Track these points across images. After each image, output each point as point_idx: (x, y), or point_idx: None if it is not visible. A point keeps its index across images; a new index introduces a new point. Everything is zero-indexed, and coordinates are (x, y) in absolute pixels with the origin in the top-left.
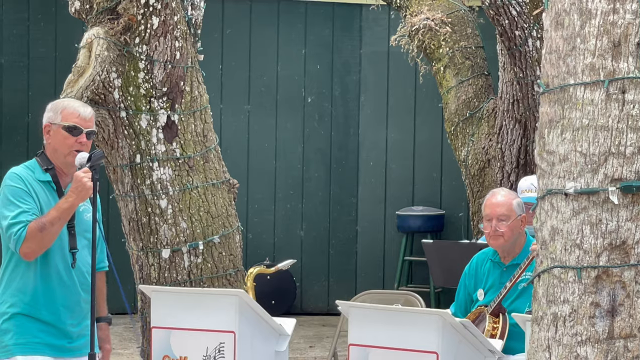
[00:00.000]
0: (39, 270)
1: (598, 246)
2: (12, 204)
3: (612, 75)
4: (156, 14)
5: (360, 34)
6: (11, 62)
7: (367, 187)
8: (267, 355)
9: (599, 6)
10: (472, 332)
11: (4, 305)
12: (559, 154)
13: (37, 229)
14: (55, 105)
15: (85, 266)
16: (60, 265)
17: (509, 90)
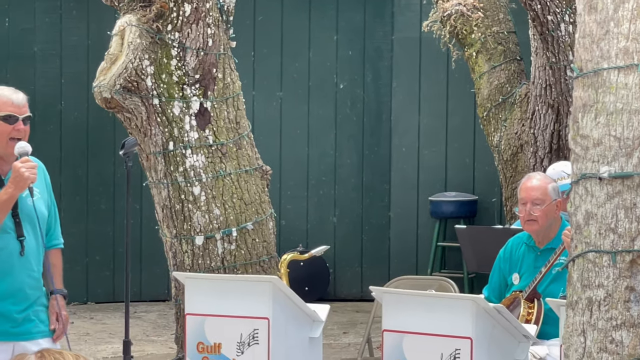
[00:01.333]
0: None
1: (632, 230)
2: None
3: None
4: (188, 0)
5: (392, 20)
6: (44, 51)
7: (399, 173)
8: (301, 341)
9: (630, 1)
10: (506, 317)
11: None
12: (593, 138)
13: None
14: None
15: (32, 252)
16: (7, 254)
17: (542, 75)
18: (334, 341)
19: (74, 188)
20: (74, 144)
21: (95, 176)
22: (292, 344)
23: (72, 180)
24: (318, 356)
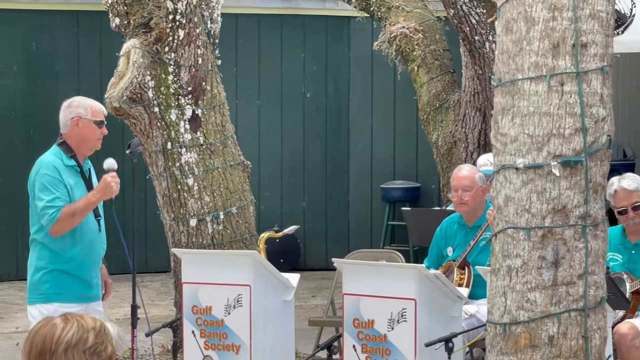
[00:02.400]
0: (77, 236)
1: (543, 210)
2: (48, 190)
3: (552, 70)
4: (182, 27)
5: (348, 41)
6: (65, 69)
7: (356, 165)
8: (277, 304)
9: (541, 15)
10: (443, 282)
11: (42, 261)
12: (510, 136)
13: (69, 215)
14: (81, 103)
15: (103, 230)
16: (90, 232)
17: (471, 85)
18: (304, 303)
19: None
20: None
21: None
22: (269, 306)
23: None
24: (291, 316)
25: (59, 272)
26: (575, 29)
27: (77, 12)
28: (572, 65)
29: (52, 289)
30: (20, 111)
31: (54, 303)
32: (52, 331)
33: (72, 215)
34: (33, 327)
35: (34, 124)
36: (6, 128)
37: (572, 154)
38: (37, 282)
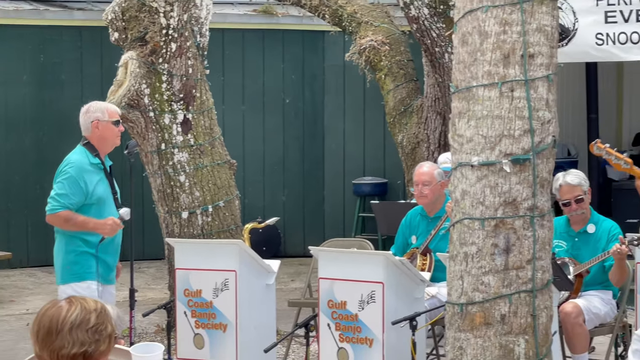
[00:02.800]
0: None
1: (496, 203)
2: (64, 186)
3: (503, 78)
4: (174, 40)
5: (323, 53)
6: (69, 78)
7: (330, 164)
8: (260, 287)
9: (493, 29)
10: (407, 267)
11: (73, 245)
12: (466, 137)
13: (65, 218)
14: (98, 108)
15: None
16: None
17: (432, 91)
18: (284, 286)
19: None
20: None
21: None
22: (253, 289)
23: None
24: (272, 298)
25: (88, 254)
26: (524, 41)
27: (80, 27)
28: (521, 74)
29: (84, 269)
30: (30, 116)
31: (86, 281)
32: (58, 312)
33: (67, 221)
34: (41, 309)
35: (43, 128)
36: (18, 131)
37: (521, 153)
38: (70, 263)
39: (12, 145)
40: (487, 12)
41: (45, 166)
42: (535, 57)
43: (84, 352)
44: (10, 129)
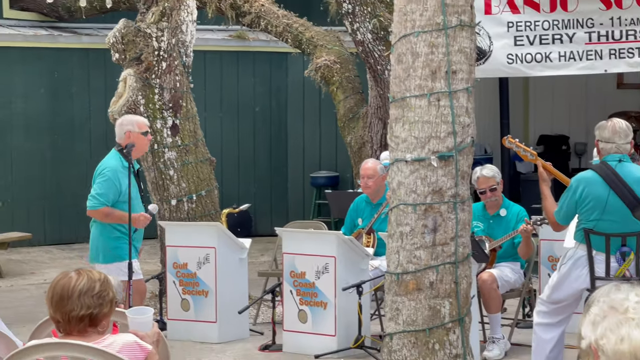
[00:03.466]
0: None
1: (425, 191)
2: (103, 187)
3: (431, 90)
4: (164, 60)
5: (286, 70)
6: (79, 91)
7: (292, 160)
8: (234, 260)
9: (422, 50)
10: (355, 244)
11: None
12: (402, 138)
13: (105, 214)
14: (130, 121)
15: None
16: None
17: (375, 102)
18: (255, 260)
19: None
20: (98, 147)
21: None
22: (229, 262)
23: None
24: (245, 269)
25: (124, 240)
26: (448, 60)
27: (87, 49)
28: (445, 87)
29: (124, 252)
30: (45, 123)
31: (126, 260)
32: (68, 282)
33: (107, 216)
34: (54, 279)
35: (57, 132)
36: (36, 134)
37: (446, 151)
38: (112, 248)
39: (31, 145)
40: (418, 36)
41: (59, 163)
42: (457, 73)
43: (90, 313)
44: (29, 133)
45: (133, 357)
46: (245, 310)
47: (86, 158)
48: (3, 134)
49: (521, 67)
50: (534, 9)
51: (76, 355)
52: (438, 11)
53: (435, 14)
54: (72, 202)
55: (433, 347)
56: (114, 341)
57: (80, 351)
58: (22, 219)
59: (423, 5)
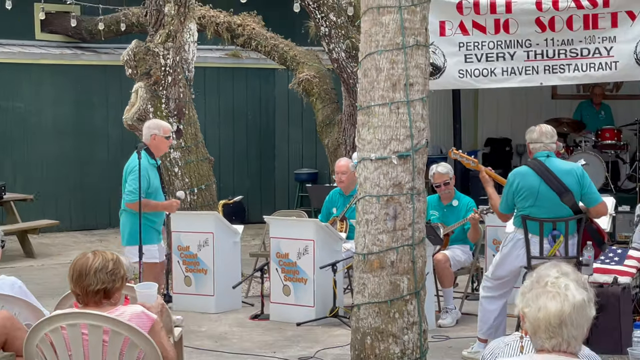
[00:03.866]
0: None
1: (387, 185)
2: (136, 182)
3: (392, 100)
4: (170, 74)
5: (274, 83)
6: (98, 101)
7: (279, 159)
8: (230, 243)
9: (385, 66)
10: (330, 229)
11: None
12: (367, 140)
13: (142, 205)
14: (156, 125)
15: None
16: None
17: (347, 110)
18: (247, 243)
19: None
20: (115, 148)
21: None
22: (225, 246)
23: (116, 167)
24: (238, 251)
25: (150, 227)
26: (406, 75)
27: (106, 65)
28: (404, 97)
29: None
30: (71, 128)
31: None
32: (86, 261)
33: (144, 206)
34: (74, 259)
35: (80, 136)
36: (62, 139)
37: (404, 151)
38: (134, 233)
39: (59, 147)
40: (381, 54)
41: (82, 162)
42: (413, 85)
43: (104, 288)
44: (57, 136)
45: (141, 324)
46: (238, 285)
47: (105, 158)
48: (35, 137)
49: (470, 80)
50: (481, 31)
51: (92, 323)
52: (398, 33)
53: (395, 36)
54: (93, 195)
55: (393, 316)
56: (124, 311)
57: (96, 319)
58: (51, 208)
59: (385, 28)
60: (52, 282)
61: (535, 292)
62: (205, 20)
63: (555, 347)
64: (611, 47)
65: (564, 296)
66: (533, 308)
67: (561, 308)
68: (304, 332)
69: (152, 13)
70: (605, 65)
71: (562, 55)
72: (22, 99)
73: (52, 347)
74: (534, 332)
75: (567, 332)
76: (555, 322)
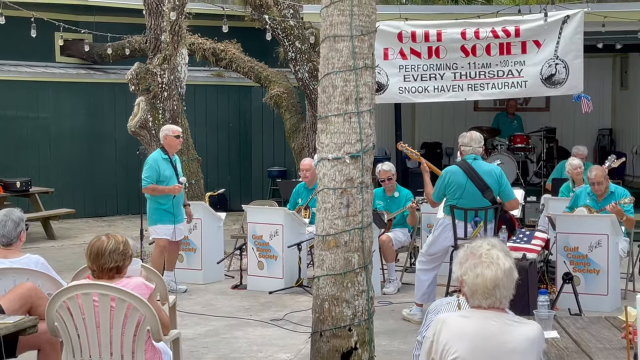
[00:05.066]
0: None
1: (341, 180)
2: (148, 171)
3: (345, 111)
4: (166, 90)
5: (251, 98)
6: (107, 112)
7: (255, 159)
8: (214, 227)
9: (339, 84)
10: (296, 216)
11: (156, 204)
12: (325, 143)
13: (152, 188)
14: (168, 127)
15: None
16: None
17: (310, 119)
18: (229, 227)
19: (127, 169)
20: (121, 150)
21: (131, 163)
22: (211, 229)
23: (122, 165)
24: (221, 233)
25: (162, 210)
26: (357, 91)
27: (114, 83)
28: (355, 109)
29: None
30: (84, 134)
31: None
32: (101, 244)
33: (154, 190)
34: (91, 241)
35: (92, 140)
36: (77, 143)
37: (355, 152)
38: (151, 214)
39: (75, 148)
40: (336, 74)
41: (93, 161)
42: (363, 100)
43: (116, 266)
44: (74, 140)
45: (141, 293)
46: (221, 261)
47: (112, 157)
48: (56, 141)
49: (408, 96)
50: (417, 56)
51: (102, 292)
52: (350, 57)
53: (348, 59)
54: (103, 188)
55: (346, 286)
56: (128, 282)
57: (105, 289)
58: (69, 199)
59: (339, 53)
60: (69, 259)
61: (471, 262)
62: (195, 47)
63: (490, 305)
64: (521, 69)
65: (496, 265)
66: (471, 275)
67: (495, 274)
68: (274, 298)
69: (151, 40)
70: (517, 84)
71: (482, 76)
72: (45, 110)
73: (69, 311)
74: (472, 294)
75: (500, 293)
76: (491, 285)
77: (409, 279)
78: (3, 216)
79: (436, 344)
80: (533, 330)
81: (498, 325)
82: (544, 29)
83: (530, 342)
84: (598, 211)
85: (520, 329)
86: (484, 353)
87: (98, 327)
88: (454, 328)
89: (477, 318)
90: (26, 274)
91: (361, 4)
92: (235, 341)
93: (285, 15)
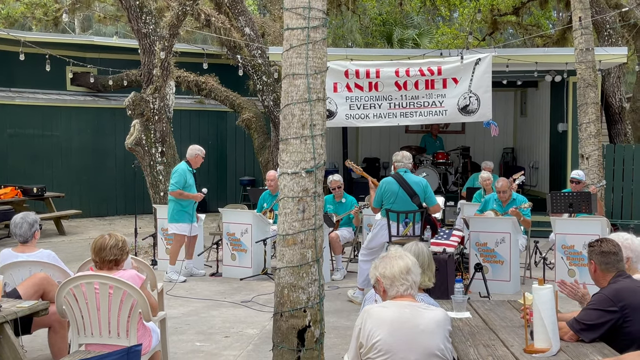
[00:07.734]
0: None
1: (298, 190)
2: (176, 179)
3: (302, 135)
4: (157, 114)
5: (226, 120)
6: (109, 131)
7: (230, 170)
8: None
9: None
10: (262, 217)
11: (178, 206)
12: (285, 160)
13: (179, 193)
14: (194, 148)
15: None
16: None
17: (274, 140)
18: (208, 225)
19: (124, 178)
20: (120, 163)
21: (128, 173)
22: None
23: (121, 175)
24: (201, 231)
25: (183, 211)
26: (311, 118)
27: (114, 108)
28: (309, 133)
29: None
30: (90, 149)
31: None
32: (104, 241)
33: (180, 194)
34: (95, 238)
35: (95, 155)
36: (84, 157)
37: (310, 168)
38: (171, 215)
39: (82, 161)
40: (295, 105)
41: (97, 172)
42: (316, 125)
43: (115, 259)
44: (81, 154)
45: (135, 282)
46: (202, 253)
47: (113, 168)
48: (67, 155)
49: (353, 121)
50: (360, 89)
51: (102, 281)
52: (305, 91)
53: (304, 93)
54: (105, 193)
55: (302, 275)
56: (124, 274)
57: (104, 279)
58: (76, 202)
59: (297, 88)
60: (77, 251)
61: (385, 261)
62: (181, 79)
63: (406, 291)
64: (442, 100)
65: (405, 257)
66: (388, 267)
67: (405, 263)
68: (244, 284)
69: (145, 74)
70: (439, 112)
71: (411, 106)
72: (58, 129)
73: (75, 297)
74: (392, 283)
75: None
76: (405, 270)
77: (353, 267)
78: (20, 219)
79: (363, 330)
80: (439, 314)
81: (411, 312)
82: (461, 68)
83: (437, 324)
84: (503, 214)
85: (429, 314)
86: (400, 334)
87: (98, 310)
88: (375, 317)
89: (394, 307)
90: (40, 266)
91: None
92: (212, 319)
93: (254, 55)
